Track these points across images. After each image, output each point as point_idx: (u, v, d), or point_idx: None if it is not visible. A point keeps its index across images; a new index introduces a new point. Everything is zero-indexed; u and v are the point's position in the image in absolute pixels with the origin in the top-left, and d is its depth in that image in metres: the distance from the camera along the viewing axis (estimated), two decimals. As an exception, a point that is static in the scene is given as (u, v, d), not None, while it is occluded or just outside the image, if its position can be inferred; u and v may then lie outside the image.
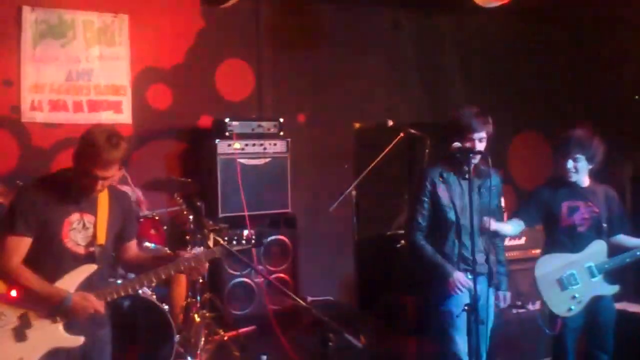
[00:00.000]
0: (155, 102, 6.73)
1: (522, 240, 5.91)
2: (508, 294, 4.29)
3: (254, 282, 6.35)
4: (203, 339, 5.47)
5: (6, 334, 3.09)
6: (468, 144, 3.95)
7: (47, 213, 3.17)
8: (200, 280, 5.67)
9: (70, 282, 3.21)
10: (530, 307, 5.68)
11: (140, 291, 4.96)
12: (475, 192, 3.93)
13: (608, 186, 4.63)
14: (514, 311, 5.63)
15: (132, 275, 3.91)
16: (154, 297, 5.17)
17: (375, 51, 7.58)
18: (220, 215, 6.29)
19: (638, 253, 4.42)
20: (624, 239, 4.56)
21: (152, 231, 5.28)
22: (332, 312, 6.14)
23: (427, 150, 6.05)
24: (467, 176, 3.90)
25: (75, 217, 3.23)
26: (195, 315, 5.56)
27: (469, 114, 4.04)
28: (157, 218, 5.59)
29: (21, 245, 3.15)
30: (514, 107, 7.94)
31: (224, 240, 3.68)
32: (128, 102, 6.63)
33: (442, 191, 4.04)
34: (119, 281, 4.15)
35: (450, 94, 7.89)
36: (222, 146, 6.37)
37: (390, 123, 6.18)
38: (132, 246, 3.58)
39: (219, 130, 6.45)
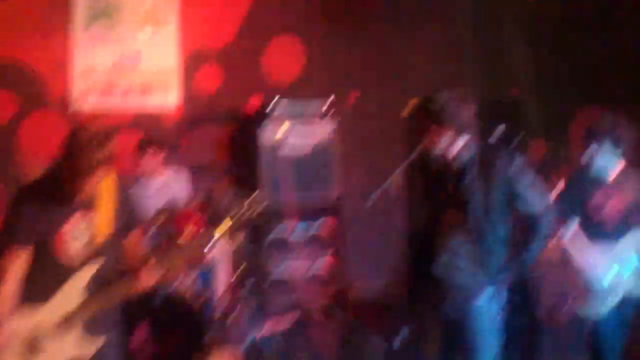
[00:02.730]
0: (204, 83, 6.70)
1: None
2: None
3: (298, 268, 6.30)
4: (242, 328, 5.49)
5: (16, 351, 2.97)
6: None
7: (40, 219, 3.02)
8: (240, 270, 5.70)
9: (71, 292, 3.03)
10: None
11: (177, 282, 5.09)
12: None
13: None
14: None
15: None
16: (193, 287, 5.23)
17: (430, 24, 7.23)
18: (266, 199, 6.22)
19: None
20: None
21: (190, 221, 5.28)
22: (378, 301, 6.15)
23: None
24: None
25: (71, 223, 3.05)
26: (235, 304, 5.59)
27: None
28: (197, 206, 5.58)
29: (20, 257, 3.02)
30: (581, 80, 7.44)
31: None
32: (177, 85, 6.61)
33: None
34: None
35: (509, 70, 7.47)
36: (268, 129, 6.28)
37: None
38: (136, 236, 3.33)
39: (266, 112, 6.34)
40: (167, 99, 6.60)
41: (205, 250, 5.18)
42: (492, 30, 7.46)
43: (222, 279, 5.75)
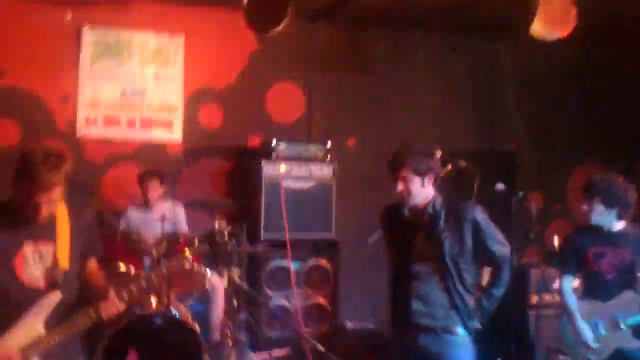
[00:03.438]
0: (206, 121, 6.88)
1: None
2: None
3: (292, 305, 6.33)
4: (234, 359, 5.46)
5: None
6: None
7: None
8: (236, 303, 5.72)
9: (34, 319, 2.89)
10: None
11: (174, 309, 5.09)
12: None
13: None
14: (562, 357, 5.24)
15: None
16: (189, 314, 5.23)
17: (429, 76, 7.51)
18: (263, 237, 6.31)
19: None
20: None
21: (188, 250, 5.32)
22: (367, 340, 6.14)
23: (475, 184, 5.89)
24: None
25: (28, 249, 2.91)
26: (229, 335, 5.57)
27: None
28: (195, 238, 5.63)
29: None
30: (575, 137, 7.71)
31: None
32: (179, 121, 6.77)
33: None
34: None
35: (506, 123, 7.72)
36: (267, 168, 6.41)
37: (439, 154, 6.05)
38: (92, 263, 3.21)
39: (266, 152, 6.49)
40: (169, 134, 6.72)
41: (203, 280, 5.29)
42: (492, 82, 7.73)
43: (218, 309, 5.76)
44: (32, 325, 2.89)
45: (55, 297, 2.92)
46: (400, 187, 3.59)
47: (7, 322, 2.85)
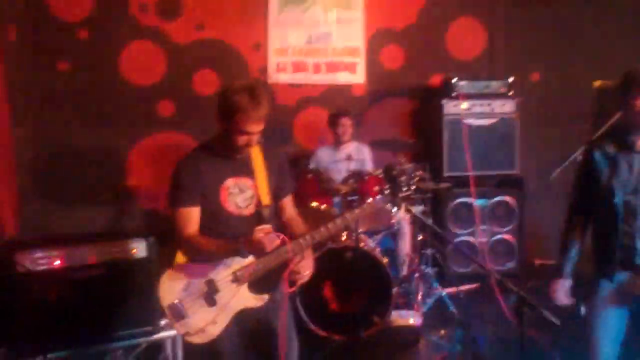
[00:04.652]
0: (387, 62, 7.01)
1: None
2: None
3: (477, 241, 6.42)
4: (422, 292, 5.70)
5: (198, 302, 3.20)
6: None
7: (204, 182, 3.21)
8: (421, 238, 5.94)
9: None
10: None
11: (364, 243, 5.37)
12: None
13: None
14: None
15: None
16: (378, 249, 5.51)
17: (619, 7, 7.07)
18: (445, 174, 6.43)
19: None
20: None
21: (375, 188, 5.54)
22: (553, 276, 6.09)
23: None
24: (634, 148, 3.30)
25: (230, 182, 3.25)
26: (417, 270, 5.80)
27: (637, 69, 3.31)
28: (381, 176, 5.84)
29: (191, 215, 3.22)
30: None
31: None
32: (362, 63, 6.97)
33: (604, 169, 3.36)
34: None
35: None
36: (448, 106, 6.47)
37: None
38: (288, 204, 3.50)
39: (447, 90, 6.54)
40: (353, 76, 6.95)
41: (391, 214, 5.51)
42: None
43: (406, 244, 6.00)
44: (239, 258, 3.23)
45: (264, 228, 3.23)
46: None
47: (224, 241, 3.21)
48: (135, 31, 6.47)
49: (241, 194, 3.27)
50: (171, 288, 3.23)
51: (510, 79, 6.59)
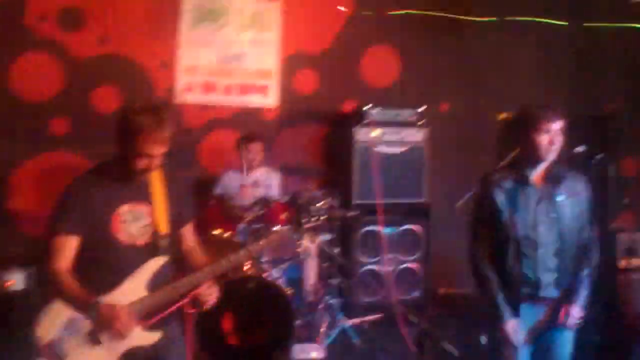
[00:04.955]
0: (301, 86, 6.93)
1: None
2: (578, 309, 3.41)
3: (383, 270, 6.37)
4: (325, 324, 5.59)
5: (81, 340, 2.96)
6: (542, 137, 3.33)
7: (94, 208, 2.98)
8: (327, 267, 5.84)
9: (137, 281, 3.04)
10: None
11: (267, 273, 5.23)
12: (545, 202, 3.37)
13: None
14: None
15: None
16: (282, 279, 5.38)
17: (526, 39, 7.26)
18: (355, 202, 6.36)
19: None
20: None
21: (282, 216, 5.43)
22: (462, 305, 6.11)
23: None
24: (530, 181, 3.39)
25: (124, 208, 3.04)
26: (321, 300, 5.70)
27: (537, 104, 3.42)
28: (288, 203, 5.73)
29: (67, 245, 2.98)
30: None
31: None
32: (275, 86, 6.85)
33: (502, 203, 3.39)
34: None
35: (602, 85, 7.39)
36: (360, 133, 6.42)
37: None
38: (187, 233, 3.34)
39: (359, 117, 6.49)
40: (265, 99, 6.82)
41: (296, 244, 5.41)
42: (589, 46, 7.41)
43: (311, 274, 5.88)
44: (136, 287, 3.04)
45: (158, 261, 3.08)
46: (550, 140, 3.34)
47: (107, 279, 3.00)
48: (30, 42, 6.11)
49: (136, 222, 3.07)
50: (51, 324, 2.97)
51: (421, 109, 6.60)
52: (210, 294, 3.17)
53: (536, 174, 3.42)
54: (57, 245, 2.98)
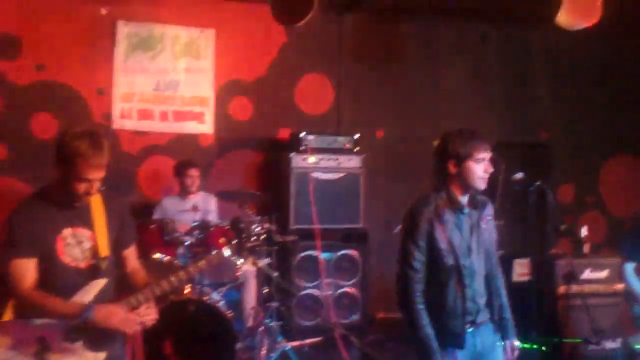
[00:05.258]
0: (236, 113, 7.00)
1: (605, 273, 5.51)
2: (517, 343, 3.43)
3: (322, 294, 6.43)
4: (266, 347, 5.58)
5: None
6: (478, 166, 3.23)
7: (40, 232, 3.02)
8: (266, 290, 5.85)
9: (80, 302, 3.05)
10: (609, 344, 5.37)
11: (208, 296, 5.21)
12: (475, 228, 3.31)
13: None
14: (590, 348, 5.32)
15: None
16: (222, 302, 5.36)
17: (459, 67, 7.58)
18: (292, 227, 6.42)
19: None
20: None
21: (221, 239, 5.42)
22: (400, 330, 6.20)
23: (500, 176, 5.92)
24: (464, 209, 3.28)
25: (67, 232, 3.08)
26: (261, 323, 5.69)
27: (468, 132, 3.31)
28: (227, 227, 5.74)
29: (27, 267, 3.00)
30: (607, 128, 7.71)
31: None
32: (211, 113, 6.89)
33: (439, 231, 3.22)
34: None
35: (536, 113, 7.73)
36: (296, 159, 6.51)
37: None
38: (130, 255, 3.36)
39: (295, 144, 6.59)
40: (201, 126, 6.86)
41: (236, 267, 5.41)
42: (520, 76, 7.76)
43: (250, 297, 5.88)
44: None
45: (100, 282, 3.09)
46: (485, 169, 3.27)
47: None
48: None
49: (78, 246, 3.10)
50: None
51: (356, 136, 6.75)
52: (149, 314, 3.16)
53: (466, 201, 3.33)
54: (17, 269, 3.00)
